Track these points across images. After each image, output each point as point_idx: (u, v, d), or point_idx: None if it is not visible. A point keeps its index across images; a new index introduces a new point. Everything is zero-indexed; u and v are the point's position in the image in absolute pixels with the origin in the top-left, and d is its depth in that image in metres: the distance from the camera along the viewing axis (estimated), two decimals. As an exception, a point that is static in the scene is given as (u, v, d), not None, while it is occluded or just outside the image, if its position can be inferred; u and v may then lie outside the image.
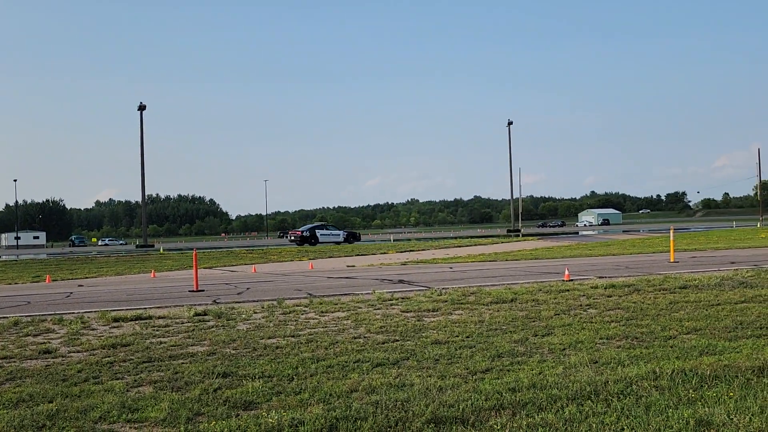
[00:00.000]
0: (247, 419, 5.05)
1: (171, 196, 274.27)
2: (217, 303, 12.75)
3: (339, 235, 53.98)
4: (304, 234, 52.04)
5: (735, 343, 7.49)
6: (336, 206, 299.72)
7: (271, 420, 4.92)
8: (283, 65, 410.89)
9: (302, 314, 10.73)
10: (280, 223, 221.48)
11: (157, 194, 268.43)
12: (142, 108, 61.44)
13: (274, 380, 6.37)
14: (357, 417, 5.01)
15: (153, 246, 65.18)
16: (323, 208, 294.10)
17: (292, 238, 53.80)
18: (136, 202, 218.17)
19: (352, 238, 54.27)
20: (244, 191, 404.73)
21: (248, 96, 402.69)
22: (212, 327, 9.68)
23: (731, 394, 5.30)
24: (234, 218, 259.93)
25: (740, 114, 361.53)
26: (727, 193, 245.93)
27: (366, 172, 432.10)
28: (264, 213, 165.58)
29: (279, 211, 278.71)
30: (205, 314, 10.78)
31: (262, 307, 11.60)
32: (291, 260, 29.73)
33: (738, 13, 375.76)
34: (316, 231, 52.73)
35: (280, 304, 11.91)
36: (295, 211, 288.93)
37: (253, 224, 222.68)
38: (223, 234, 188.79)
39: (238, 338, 8.65)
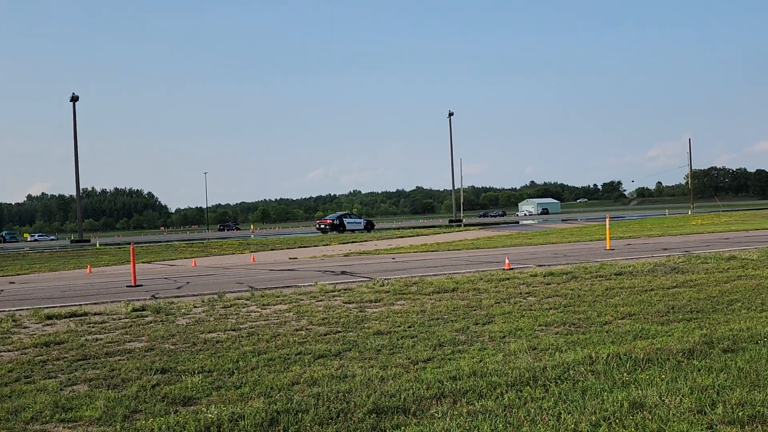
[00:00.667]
0: (186, 415, 4.96)
1: (107, 190, 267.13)
2: (156, 298, 12.50)
3: (360, 222, 58.59)
4: (334, 222, 56.73)
5: (667, 327, 7.73)
6: (278, 198, 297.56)
7: (210, 415, 4.85)
8: (221, 57, 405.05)
9: (243, 307, 10.61)
10: (221, 216, 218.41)
11: (93, 188, 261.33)
12: (74, 99, 59.55)
13: (215, 375, 6.28)
14: (298, 410, 4.98)
15: (89, 241, 63.42)
16: (265, 200, 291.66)
17: (322, 226, 57.47)
18: (71, 195, 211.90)
19: (370, 225, 58.87)
20: (184, 184, 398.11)
21: (187, 87, 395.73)
22: (151, 322, 9.48)
23: (663, 376, 5.47)
24: (173, 211, 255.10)
25: (674, 105, 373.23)
26: (660, 182, 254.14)
27: (308, 164, 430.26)
28: (204, 206, 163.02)
29: (220, 204, 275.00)
30: (144, 309, 10.54)
31: (203, 301, 11.42)
32: (232, 253, 29.35)
33: (673, 6, 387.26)
34: (344, 219, 57.72)
35: (221, 297, 11.74)
36: (237, 204, 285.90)
37: (194, 217, 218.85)
38: (162, 228, 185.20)
39: (178, 333, 8.50)
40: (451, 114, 74.92)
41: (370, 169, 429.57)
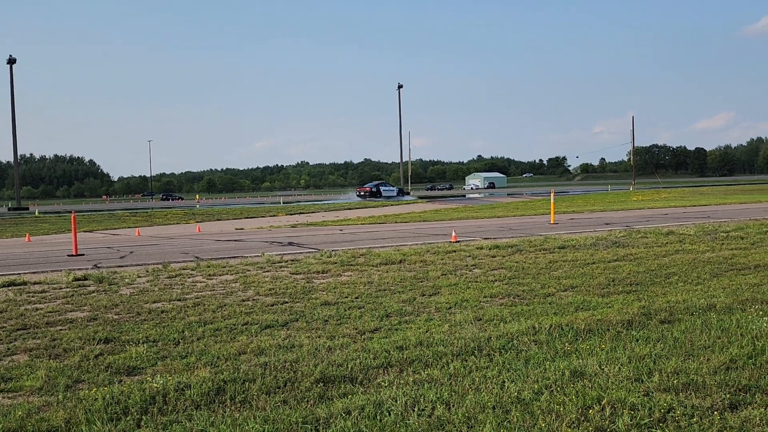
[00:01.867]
0: (130, 385, 4.90)
1: (47, 157, 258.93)
2: (99, 267, 12.24)
3: (394, 190, 67.02)
4: (372, 189, 65.19)
5: (607, 299, 7.94)
6: (224, 168, 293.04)
7: (155, 385, 4.80)
8: (166, 22, 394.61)
9: (189, 278, 10.48)
10: (165, 185, 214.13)
11: (32, 154, 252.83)
12: (11, 62, 57.25)
13: (160, 345, 6.21)
14: (245, 379, 4.97)
15: (27, 209, 61.48)
16: (211, 170, 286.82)
17: (362, 193, 65.52)
18: (8, 162, 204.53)
19: (402, 193, 67.89)
20: (127, 152, 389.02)
21: (131, 53, 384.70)
22: (93, 292, 9.29)
23: (603, 346, 5.63)
24: (116, 180, 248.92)
25: (619, 83, 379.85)
26: (604, 159, 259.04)
27: (255, 134, 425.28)
28: (148, 175, 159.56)
29: (164, 173, 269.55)
30: (86, 279, 10.32)
31: (147, 271, 11.24)
32: (177, 223, 28.89)
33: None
34: (380, 187, 66.60)
35: (166, 267, 11.57)
36: (182, 173, 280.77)
37: (137, 186, 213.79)
38: (104, 196, 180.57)
39: (121, 303, 8.35)
40: (400, 86, 74.76)
41: (318, 140, 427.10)
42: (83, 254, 14.80)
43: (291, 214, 34.28)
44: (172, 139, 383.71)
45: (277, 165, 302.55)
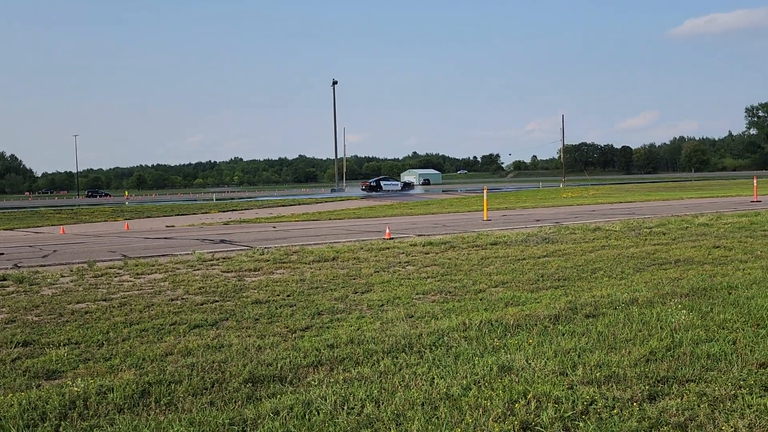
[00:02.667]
0: (49, 389, 4.72)
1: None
2: (19, 267, 11.79)
3: (397, 184, 69.40)
4: (371, 184, 67.27)
5: (536, 294, 8.10)
6: (155, 164, 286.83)
7: (76, 388, 4.63)
8: (93, 10, 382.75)
9: (116, 277, 10.20)
10: (92, 182, 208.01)
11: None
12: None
13: (82, 347, 6.02)
14: (171, 380, 4.86)
15: (-56, 206, 58.73)
16: (141, 165, 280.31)
17: (363, 187, 68.21)
18: None
19: (407, 187, 70.55)
20: (52, 147, 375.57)
21: (55, 42, 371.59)
22: (12, 293, 8.93)
23: (531, 341, 5.73)
24: (40, 176, 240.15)
25: (550, 81, 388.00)
26: (536, 156, 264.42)
27: (187, 129, 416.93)
28: (74, 170, 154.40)
29: (92, 169, 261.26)
30: (5, 279, 9.92)
31: (71, 271, 10.87)
32: (105, 220, 28.11)
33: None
34: (381, 182, 68.52)
35: (92, 266, 11.22)
36: (110, 169, 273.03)
37: (62, 183, 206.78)
38: (27, 193, 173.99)
39: (42, 304, 8.06)
40: (334, 82, 74.62)
41: (252, 135, 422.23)
42: (2, 253, 14.23)
43: (224, 211, 33.79)
44: (99, 133, 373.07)
45: (209, 161, 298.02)
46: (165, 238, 17.82)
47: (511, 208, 30.26)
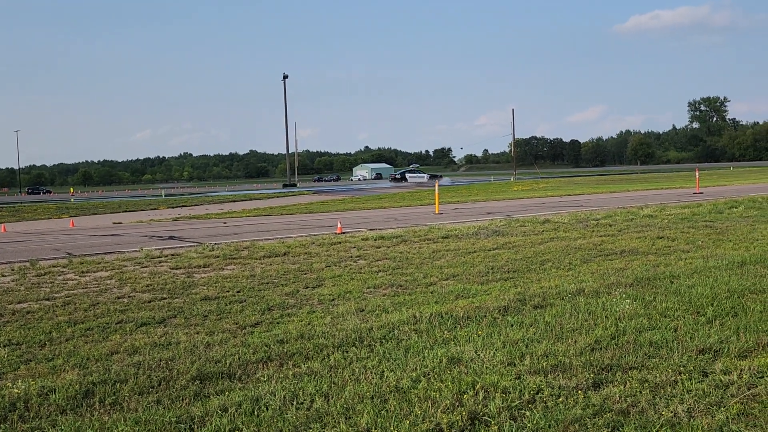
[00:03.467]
0: (-12, 392, 4.58)
1: None
2: (-42, 267, 11.39)
3: (423, 176, 71.61)
4: (396, 176, 72.08)
5: (486, 287, 8.18)
6: (101, 160, 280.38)
7: (16, 390, 4.51)
8: (37, 4, 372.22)
9: (60, 275, 9.94)
10: (35, 178, 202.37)
11: None
12: None
13: (24, 348, 5.86)
14: (116, 380, 4.76)
15: None
16: (87, 161, 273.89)
17: (391, 179, 73.75)
18: None
19: (434, 178, 69.72)
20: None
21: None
22: (-50, 293, 8.63)
23: (480, 332, 5.79)
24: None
25: (500, 76, 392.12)
26: (487, 150, 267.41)
27: (135, 125, 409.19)
28: (16, 167, 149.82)
29: (35, 165, 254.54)
30: (-58, 280, 9.59)
31: (12, 270, 10.57)
32: (49, 218, 27.40)
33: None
34: (406, 174, 72.51)
35: (34, 265, 10.92)
36: (54, 165, 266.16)
37: (4, 179, 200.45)
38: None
39: (-18, 304, 7.81)
40: (285, 77, 74.08)
41: (202, 130, 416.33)
42: (-59, 253, 13.73)
43: (173, 207, 33.28)
44: (43, 129, 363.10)
45: (158, 156, 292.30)
46: (112, 235, 17.46)
47: (463, 201, 30.51)
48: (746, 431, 3.64)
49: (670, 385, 4.34)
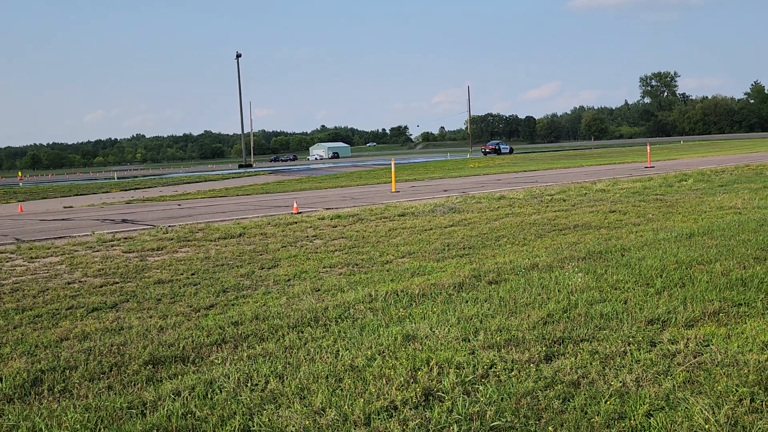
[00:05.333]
0: (-69, 383, 4.45)
1: None
2: None
3: (508, 148, 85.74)
4: (495, 148, 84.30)
5: (442, 263, 8.23)
6: (51, 142, 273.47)
7: (-39, 381, 4.39)
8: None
9: (7, 262, 9.69)
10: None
11: None
12: None
13: (-31, 337, 5.69)
14: (66, 367, 4.67)
15: None
16: (35, 144, 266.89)
17: (487, 150, 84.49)
18: None
19: (511, 150, 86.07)
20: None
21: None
22: None
23: (435, 309, 5.83)
24: None
25: (456, 53, 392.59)
26: (443, 127, 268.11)
27: (86, 106, 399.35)
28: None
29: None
30: None
31: (-43, 257, 10.25)
32: (-4, 203, 26.63)
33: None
34: (500, 145, 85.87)
35: (-20, 252, 10.62)
36: (0, 149, 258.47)
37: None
38: None
39: (-75, 293, 7.57)
40: (238, 56, 72.97)
41: (155, 111, 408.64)
42: None
43: (126, 190, 32.66)
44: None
45: (110, 138, 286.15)
46: (63, 219, 17.06)
47: (420, 179, 30.58)
48: (692, 398, 3.73)
49: (619, 356, 4.43)
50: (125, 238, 11.70)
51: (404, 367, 4.34)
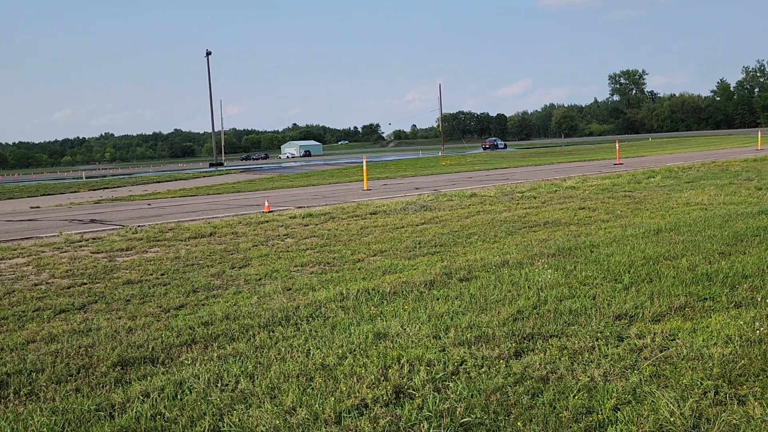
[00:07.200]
0: None
1: None
2: None
3: (503, 144, 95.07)
4: (494, 143, 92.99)
5: (413, 261, 8.25)
6: (16, 141, 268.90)
7: (-76, 385, 4.31)
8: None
9: (-28, 263, 9.51)
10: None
11: None
12: None
13: (-68, 340, 5.58)
14: (33, 369, 4.61)
15: None
16: (0, 144, 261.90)
17: (486, 146, 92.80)
18: None
19: (505, 146, 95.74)
20: None
21: None
22: None
23: (406, 307, 5.84)
24: None
25: (428, 51, 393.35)
26: (415, 125, 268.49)
27: (53, 104, 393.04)
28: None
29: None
30: None
31: None
32: (-39, 204, 26.11)
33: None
34: (496, 142, 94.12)
35: (-56, 253, 10.40)
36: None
37: None
38: None
39: None
40: (208, 53, 72.28)
41: (124, 110, 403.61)
42: None
43: (94, 189, 32.23)
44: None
45: (78, 137, 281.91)
46: (29, 220, 16.79)
47: (392, 177, 30.61)
48: (658, 392, 3.79)
49: (587, 351, 4.49)
50: (94, 239, 11.55)
51: (375, 365, 4.35)
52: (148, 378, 4.40)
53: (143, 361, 4.77)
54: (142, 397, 4.03)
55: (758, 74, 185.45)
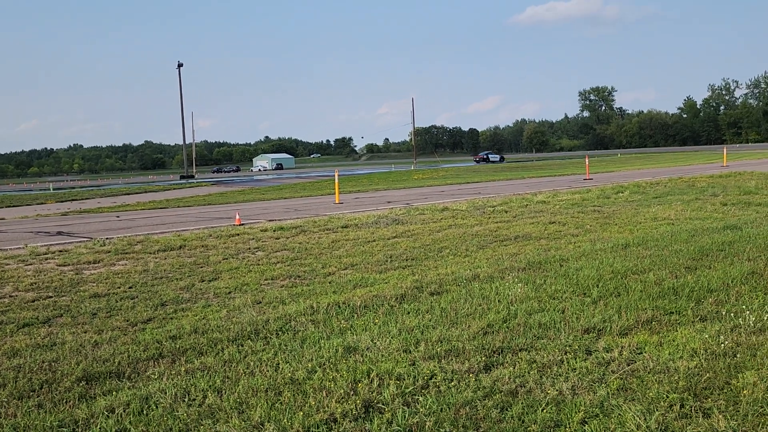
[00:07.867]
0: None
1: None
2: None
3: (498, 157, 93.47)
4: (483, 157, 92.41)
5: (384, 275, 8.25)
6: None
7: None
8: None
9: (-67, 276, 9.29)
10: None
11: None
12: None
13: None
14: (-7, 385, 4.50)
15: None
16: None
17: (477, 160, 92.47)
18: None
19: (502, 158, 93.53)
20: None
21: None
22: None
23: (377, 321, 5.83)
24: None
25: (401, 66, 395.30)
26: (388, 139, 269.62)
27: (19, 114, 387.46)
28: None
29: None
30: None
31: None
32: (-77, 215, 25.52)
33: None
34: (488, 155, 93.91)
35: None
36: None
37: None
38: None
39: None
40: (180, 65, 71.99)
41: (93, 121, 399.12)
42: None
43: (62, 201, 31.75)
44: None
45: (45, 148, 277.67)
46: (-6, 231, 16.47)
47: (364, 190, 30.61)
48: (625, 405, 3.82)
49: (556, 365, 4.51)
50: (60, 251, 11.37)
51: (345, 379, 4.33)
52: (114, 393, 4.33)
53: (109, 375, 4.69)
54: (106, 413, 3.96)
55: (723, 92, 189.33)
